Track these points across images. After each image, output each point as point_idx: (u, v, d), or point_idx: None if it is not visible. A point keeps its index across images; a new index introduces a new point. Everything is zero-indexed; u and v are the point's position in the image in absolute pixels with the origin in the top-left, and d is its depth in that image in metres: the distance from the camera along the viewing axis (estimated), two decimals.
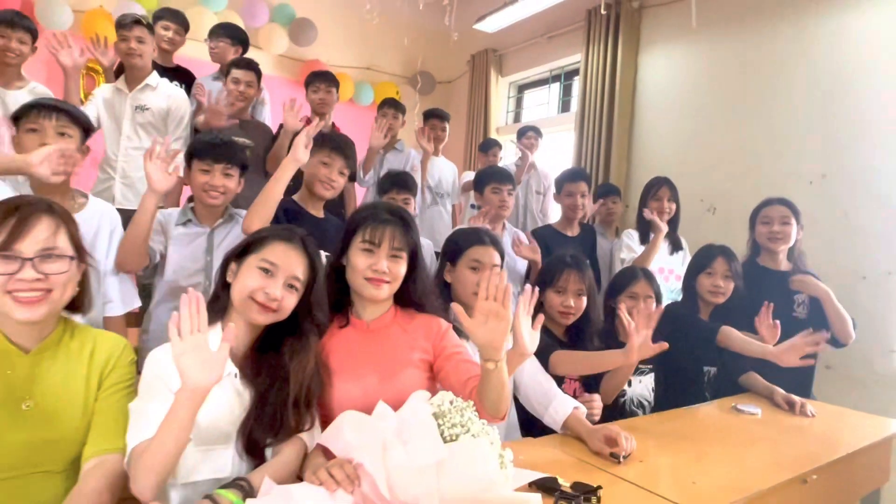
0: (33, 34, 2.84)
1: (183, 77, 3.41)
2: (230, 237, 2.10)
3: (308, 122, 3.24)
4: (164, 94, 2.95)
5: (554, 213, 4.10)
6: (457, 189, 3.83)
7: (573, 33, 4.53)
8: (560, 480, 1.18)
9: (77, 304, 1.14)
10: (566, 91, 4.99)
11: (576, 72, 4.78)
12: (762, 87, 3.32)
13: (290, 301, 1.24)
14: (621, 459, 1.37)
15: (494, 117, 5.38)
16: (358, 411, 1.15)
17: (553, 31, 4.73)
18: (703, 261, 2.21)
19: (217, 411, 1.16)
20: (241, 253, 1.26)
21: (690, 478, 1.32)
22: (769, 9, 3.29)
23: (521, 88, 5.51)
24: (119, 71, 3.15)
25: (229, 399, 1.19)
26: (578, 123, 4.33)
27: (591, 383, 1.94)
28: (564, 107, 4.98)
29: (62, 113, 1.68)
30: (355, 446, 1.08)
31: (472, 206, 3.76)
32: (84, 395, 1.12)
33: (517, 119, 5.49)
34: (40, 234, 1.04)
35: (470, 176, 4.11)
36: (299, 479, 1.15)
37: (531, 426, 1.74)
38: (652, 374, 2.08)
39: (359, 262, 1.35)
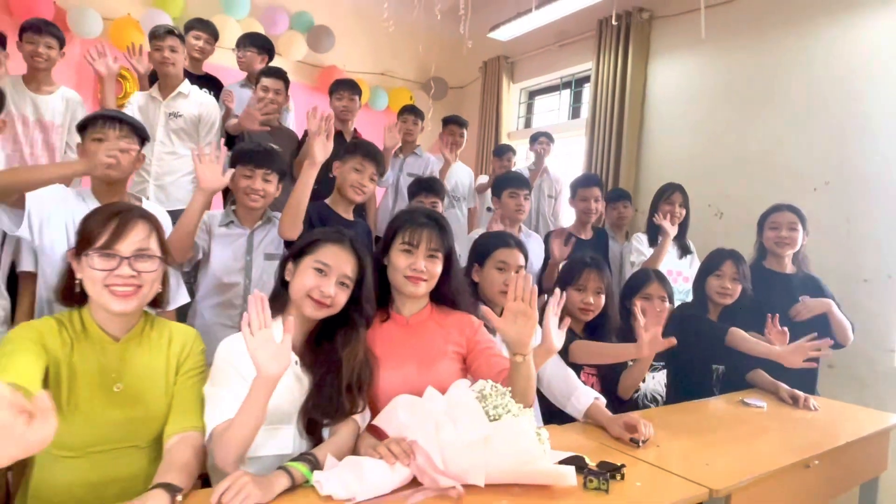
0: (60, 40, 3.01)
1: (211, 84, 3.55)
2: (268, 239, 2.25)
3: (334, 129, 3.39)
4: (195, 101, 3.10)
5: (565, 216, 4.24)
6: (472, 192, 3.96)
7: (584, 42, 4.66)
8: (587, 459, 1.31)
9: (158, 300, 1.28)
10: (576, 98, 5.12)
11: (585, 79, 4.91)
12: (768, 97, 3.44)
13: (341, 297, 1.37)
14: (640, 444, 1.51)
15: (506, 122, 5.51)
16: (410, 395, 1.28)
17: (564, 40, 4.86)
18: (712, 263, 2.34)
19: (280, 395, 1.29)
20: (297, 254, 1.40)
21: (703, 460, 1.45)
22: (776, 21, 3.42)
23: (532, 94, 5.64)
24: (152, 78, 3.31)
25: (290, 384, 1.33)
26: (589, 129, 4.46)
27: (608, 379, 2.07)
28: (574, 113, 5.11)
29: (124, 124, 1.82)
30: (408, 426, 1.22)
31: (489, 209, 3.90)
32: (165, 379, 1.26)
33: (528, 124, 5.62)
34: (136, 236, 1.18)
35: (483, 179, 4.25)
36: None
37: (552, 416, 1.87)
38: (664, 371, 2.21)
39: (399, 261, 1.49)
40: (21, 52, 2.95)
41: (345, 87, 3.45)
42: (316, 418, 1.33)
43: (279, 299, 1.40)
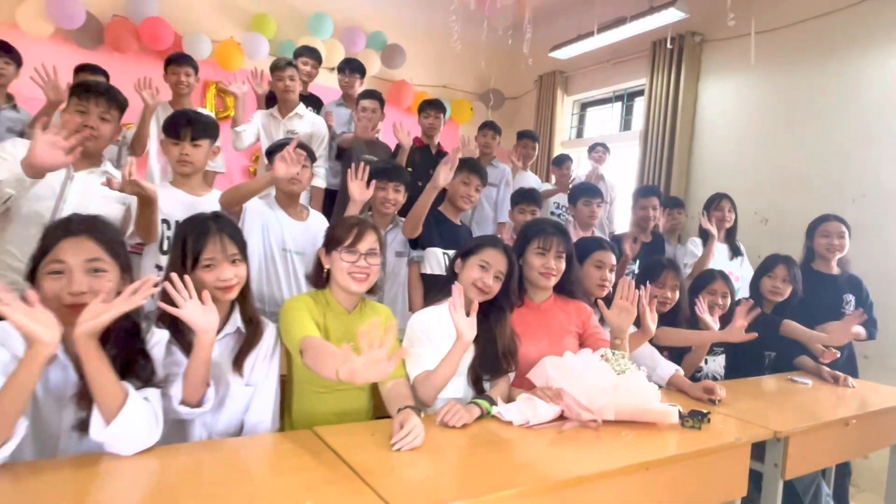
0: (195, 68, 3.58)
1: (313, 102, 4.09)
2: (397, 240, 2.76)
3: (418, 140, 3.89)
4: (309, 121, 3.64)
5: (618, 220, 4.68)
6: None
7: (637, 60, 5.07)
8: (679, 408, 1.77)
9: (373, 287, 1.78)
10: (628, 111, 5.53)
11: (637, 93, 5.33)
12: (811, 116, 3.83)
13: (496, 287, 1.85)
14: (717, 402, 1.96)
15: (559, 132, 5.95)
16: (554, 356, 1.77)
17: (618, 58, 5.28)
18: (767, 266, 2.76)
19: None
20: (464, 254, 1.89)
21: (767, 416, 1.90)
22: (819, 48, 3.81)
23: (584, 106, 6.07)
24: (268, 97, 3.87)
25: None
26: (642, 141, 4.88)
27: (674, 359, 2.52)
28: (626, 125, 5.52)
29: (303, 148, 2.34)
30: (554, 377, 1.71)
31: (552, 213, 4.36)
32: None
33: (579, 134, 6.06)
34: (369, 239, 1.69)
35: (545, 186, 4.71)
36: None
37: None
38: (723, 355, 2.65)
39: (534, 261, 1.98)
40: (167, 83, 3.52)
41: (431, 107, 3.93)
42: (480, 374, 1.82)
43: (449, 285, 1.88)
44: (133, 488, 1.16)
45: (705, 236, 3.52)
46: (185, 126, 2.18)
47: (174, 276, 1.37)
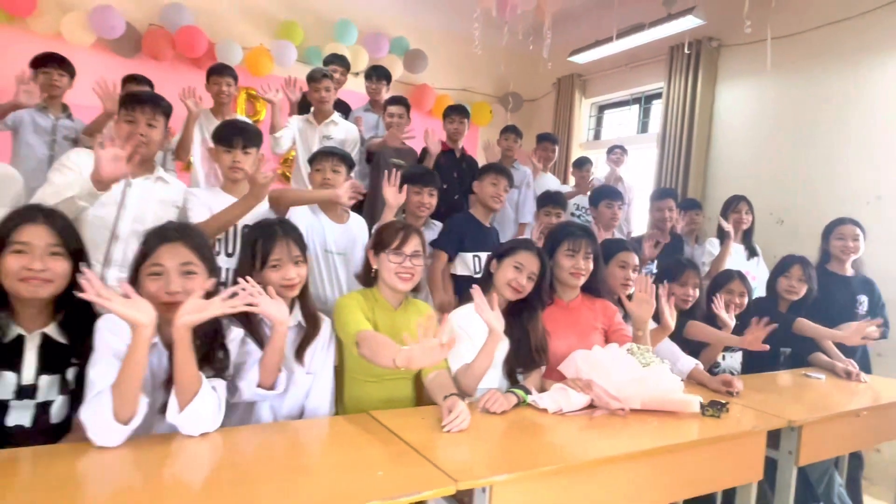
0: (235, 78, 3.76)
1: (342, 107, 4.26)
2: (428, 240, 2.90)
3: (443, 144, 4.04)
4: (343, 128, 3.80)
5: (636, 221, 4.80)
6: None
7: (655, 64, 5.18)
8: (700, 398, 1.91)
9: (417, 286, 1.94)
10: (645, 113, 5.64)
11: (654, 96, 5.44)
12: (826, 119, 3.93)
13: (529, 286, 2.00)
14: (735, 394, 2.10)
15: (577, 134, 6.08)
16: (584, 350, 1.92)
17: (636, 62, 5.38)
18: (783, 266, 2.88)
19: None
20: (500, 255, 2.04)
21: (782, 406, 2.03)
22: (835, 54, 3.90)
23: (602, 108, 6.18)
24: (301, 104, 4.03)
25: None
26: (660, 143, 4.99)
27: (690, 354, 2.65)
28: (643, 127, 5.63)
29: (338, 157, 2.51)
30: (584, 370, 1.85)
31: (572, 214, 4.49)
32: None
33: (597, 136, 6.17)
34: (413, 242, 1.85)
35: (564, 188, 4.84)
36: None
37: None
38: (741, 352, 2.77)
39: (565, 262, 2.12)
40: (209, 92, 3.71)
41: (456, 113, 4.07)
42: (514, 367, 1.97)
43: (485, 284, 2.04)
44: (220, 461, 1.33)
45: (723, 237, 3.64)
46: (237, 135, 2.35)
47: (243, 282, 1.53)
